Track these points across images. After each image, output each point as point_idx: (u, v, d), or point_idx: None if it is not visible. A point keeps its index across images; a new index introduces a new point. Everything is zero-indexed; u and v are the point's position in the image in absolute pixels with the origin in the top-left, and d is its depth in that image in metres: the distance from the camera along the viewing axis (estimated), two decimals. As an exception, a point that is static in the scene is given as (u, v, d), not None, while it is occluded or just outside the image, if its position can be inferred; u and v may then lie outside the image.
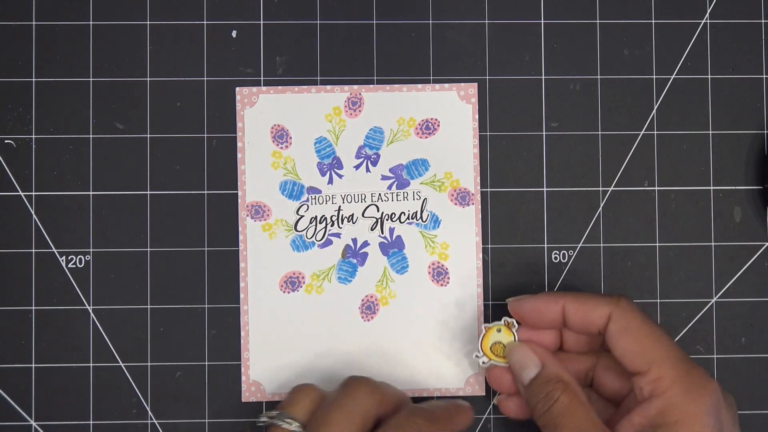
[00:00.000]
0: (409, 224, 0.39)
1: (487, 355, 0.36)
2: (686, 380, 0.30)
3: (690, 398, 0.30)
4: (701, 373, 0.31)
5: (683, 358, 0.31)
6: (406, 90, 0.39)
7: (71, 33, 0.39)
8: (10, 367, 0.38)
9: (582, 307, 0.33)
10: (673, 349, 0.31)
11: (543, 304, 0.34)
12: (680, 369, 0.31)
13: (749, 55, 0.39)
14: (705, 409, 0.30)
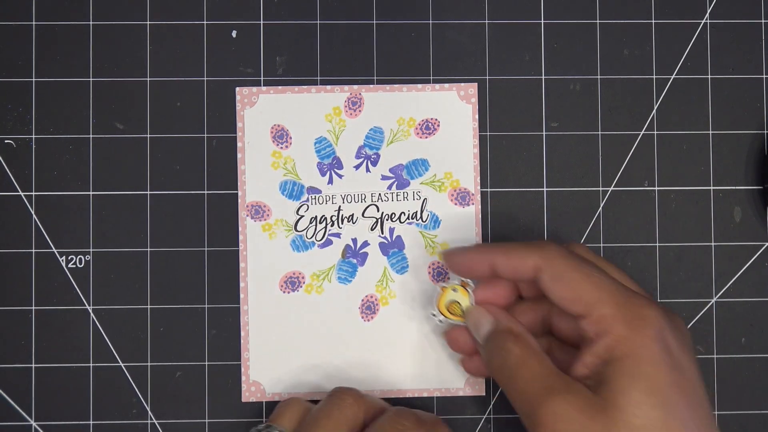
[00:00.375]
0: (409, 224, 0.39)
1: (443, 314, 0.36)
2: (626, 313, 0.30)
3: (633, 330, 0.30)
4: (640, 302, 0.30)
5: (619, 292, 0.31)
6: (406, 90, 0.39)
7: (71, 33, 0.39)
8: (10, 367, 0.38)
9: (510, 261, 0.33)
10: (606, 285, 0.31)
11: (471, 259, 0.34)
12: (618, 304, 0.30)
13: (749, 55, 0.39)
14: (649, 338, 0.30)
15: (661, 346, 0.30)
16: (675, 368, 0.30)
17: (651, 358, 0.29)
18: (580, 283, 0.31)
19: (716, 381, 0.39)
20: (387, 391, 0.38)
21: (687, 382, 0.30)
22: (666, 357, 0.29)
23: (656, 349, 0.29)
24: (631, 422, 0.29)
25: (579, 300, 0.31)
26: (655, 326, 0.30)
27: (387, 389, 0.38)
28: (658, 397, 0.29)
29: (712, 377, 0.39)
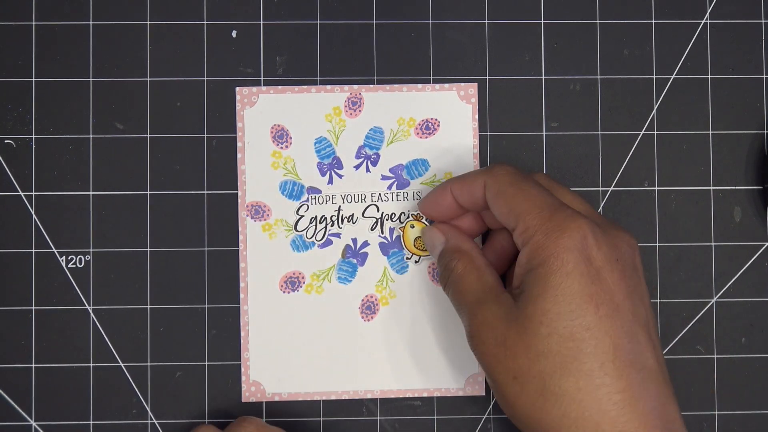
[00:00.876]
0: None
1: (413, 252, 0.38)
2: (548, 224, 0.30)
3: (549, 239, 0.30)
4: (566, 215, 0.30)
5: (549, 206, 0.31)
6: (406, 90, 0.39)
7: (71, 33, 0.39)
8: (10, 367, 0.38)
9: (464, 185, 0.34)
10: (539, 199, 0.31)
11: (436, 195, 0.35)
12: (543, 216, 0.31)
13: (749, 55, 0.39)
14: (564, 247, 0.30)
15: (578, 256, 0.30)
16: (591, 278, 0.29)
17: (562, 267, 0.29)
18: (515, 197, 0.32)
19: (716, 381, 0.39)
20: (387, 391, 0.38)
21: (603, 293, 0.29)
22: (580, 266, 0.29)
23: (569, 257, 0.29)
24: (538, 330, 0.29)
25: (511, 212, 0.32)
26: (575, 236, 0.30)
27: (387, 389, 0.38)
28: (564, 305, 0.29)
29: (712, 377, 0.39)
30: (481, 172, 0.34)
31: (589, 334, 0.29)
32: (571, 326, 0.29)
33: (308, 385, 0.38)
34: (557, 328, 0.29)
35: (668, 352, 0.39)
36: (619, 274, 0.30)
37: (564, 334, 0.29)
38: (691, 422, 0.39)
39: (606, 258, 0.30)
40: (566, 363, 0.29)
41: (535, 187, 0.32)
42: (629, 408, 0.29)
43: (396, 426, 0.38)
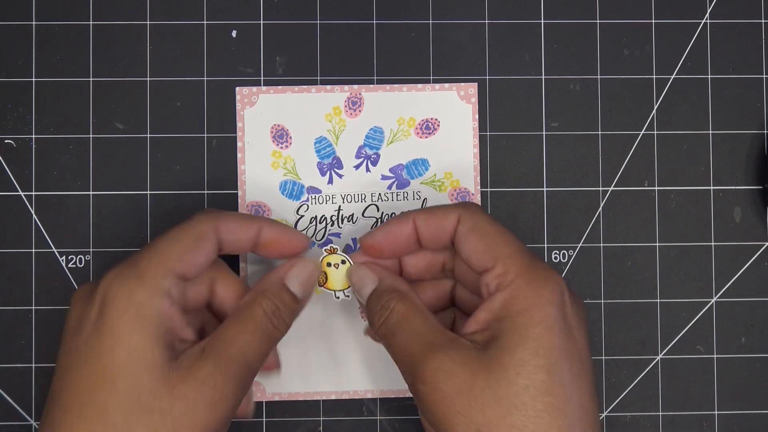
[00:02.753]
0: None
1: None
2: (530, 273, 0.30)
3: (532, 289, 0.29)
4: (545, 267, 0.30)
5: (528, 254, 0.31)
6: (406, 90, 0.39)
7: (71, 33, 0.39)
8: (10, 367, 0.38)
9: (432, 218, 0.32)
10: (518, 245, 0.31)
11: (394, 225, 0.33)
12: (524, 263, 0.30)
13: (749, 55, 0.39)
14: (547, 299, 0.29)
15: (558, 310, 0.29)
16: (567, 335, 0.29)
17: (544, 319, 0.29)
18: (494, 237, 0.31)
19: (716, 381, 0.39)
20: (387, 390, 0.38)
21: (576, 351, 0.29)
22: (560, 322, 0.29)
23: (552, 311, 0.29)
24: (514, 381, 0.28)
25: (489, 252, 0.31)
26: (555, 290, 0.30)
27: (387, 389, 0.38)
28: (544, 359, 0.28)
29: (712, 377, 0.39)
30: (453, 207, 0.32)
31: (563, 391, 0.28)
32: (548, 381, 0.28)
33: (308, 385, 0.38)
34: (535, 381, 0.28)
35: (668, 352, 0.39)
36: (585, 333, 0.30)
37: (540, 388, 0.28)
38: (691, 422, 0.39)
39: (576, 316, 0.30)
40: (540, 417, 0.28)
41: (510, 233, 0.32)
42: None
43: (396, 426, 0.38)
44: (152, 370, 0.28)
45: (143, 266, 0.30)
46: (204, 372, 0.29)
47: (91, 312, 0.29)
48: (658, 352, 0.39)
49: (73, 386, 0.29)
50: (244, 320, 0.31)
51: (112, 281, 0.29)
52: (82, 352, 0.29)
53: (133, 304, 0.29)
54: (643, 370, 0.39)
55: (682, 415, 0.39)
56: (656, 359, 0.39)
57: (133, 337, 0.29)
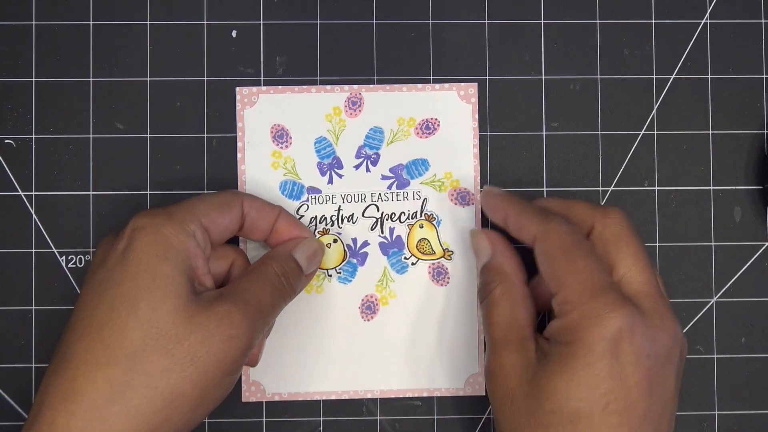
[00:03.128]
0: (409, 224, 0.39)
1: (414, 254, 0.38)
2: (587, 306, 0.30)
3: (585, 323, 0.30)
4: (607, 300, 0.30)
5: (592, 285, 0.30)
6: (406, 90, 0.39)
7: (71, 33, 0.39)
8: (10, 367, 0.38)
9: (519, 220, 0.34)
10: (585, 274, 0.31)
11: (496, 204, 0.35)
12: (584, 296, 0.30)
13: (749, 55, 0.39)
14: (596, 336, 0.29)
15: (607, 347, 0.29)
16: (611, 374, 0.29)
17: (587, 355, 0.29)
18: (561, 265, 0.31)
19: (716, 381, 0.39)
20: (386, 390, 0.38)
21: (620, 390, 0.29)
22: (606, 360, 0.29)
23: (598, 349, 0.29)
24: (543, 404, 0.30)
25: (555, 279, 0.31)
26: (609, 326, 0.29)
27: (387, 389, 0.38)
28: (576, 392, 0.29)
29: (712, 377, 0.39)
30: (536, 218, 0.33)
31: (590, 425, 0.29)
32: (576, 412, 0.29)
33: (308, 385, 0.38)
34: (562, 409, 0.29)
35: (668, 352, 0.39)
36: (645, 372, 0.29)
37: (566, 417, 0.29)
38: (691, 422, 0.39)
39: (635, 353, 0.29)
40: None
41: (586, 257, 0.31)
42: None
43: (396, 426, 0.38)
44: (173, 296, 0.30)
45: (172, 209, 0.32)
46: (222, 309, 0.31)
47: (118, 245, 0.31)
48: (658, 352, 0.39)
49: (92, 311, 0.30)
50: (258, 275, 0.33)
51: (141, 216, 0.32)
52: (105, 280, 0.30)
53: (161, 234, 0.31)
54: (643, 370, 0.39)
55: (682, 415, 0.39)
56: (656, 359, 0.39)
57: (158, 264, 0.30)
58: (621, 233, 0.33)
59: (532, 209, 0.34)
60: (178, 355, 0.29)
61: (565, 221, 0.32)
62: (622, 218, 0.33)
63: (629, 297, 0.31)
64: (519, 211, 0.34)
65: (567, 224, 0.32)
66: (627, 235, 0.33)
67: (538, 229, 0.32)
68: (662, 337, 0.30)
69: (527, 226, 0.33)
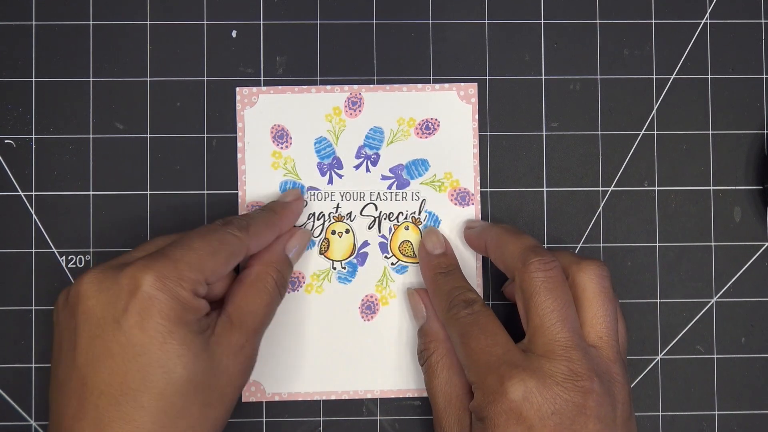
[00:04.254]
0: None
1: (395, 255, 0.38)
2: (485, 385, 0.31)
3: (486, 400, 0.31)
4: (500, 374, 0.31)
5: (486, 362, 0.31)
6: (406, 90, 0.39)
7: (71, 33, 0.39)
8: (10, 367, 0.38)
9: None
10: (477, 353, 0.32)
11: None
12: (480, 374, 0.31)
13: (749, 55, 0.39)
14: (496, 411, 0.30)
15: (508, 418, 0.30)
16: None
17: (495, 430, 0.30)
18: (460, 347, 0.33)
19: (716, 381, 0.39)
20: (387, 390, 0.38)
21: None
22: (512, 428, 0.30)
23: (500, 422, 0.30)
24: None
25: (461, 357, 0.33)
26: (506, 401, 0.30)
27: (387, 389, 0.38)
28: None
29: (712, 377, 0.39)
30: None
31: None
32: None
33: (308, 385, 0.38)
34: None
35: (668, 352, 0.39)
36: (551, 430, 0.30)
37: None
38: (691, 422, 0.39)
39: (537, 415, 0.30)
40: None
41: (480, 334, 0.32)
42: None
43: (396, 426, 0.38)
44: (201, 352, 0.30)
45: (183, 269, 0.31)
46: (237, 344, 0.32)
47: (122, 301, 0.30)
48: (658, 352, 0.39)
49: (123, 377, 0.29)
50: (261, 293, 0.34)
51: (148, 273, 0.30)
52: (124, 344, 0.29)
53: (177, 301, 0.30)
54: (643, 371, 0.39)
55: (682, 415, 0.39)
56: (656, 359, 0.39)
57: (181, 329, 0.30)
58: (533, 289, 0.32)
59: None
60: (211, 402, 0.31)
61: (468, 305, 0.34)
62: (537, 271, 0.32)
63: (538, 357, 0.31)
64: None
65: (467, 305, 0.33)
66: (538, 290, 0.32)
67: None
68: (563, 393, 0.30)
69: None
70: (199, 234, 0.32)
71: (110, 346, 0.29)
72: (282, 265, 0.35)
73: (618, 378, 0.32)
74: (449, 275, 0.36)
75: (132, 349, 0.29)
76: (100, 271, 0.31)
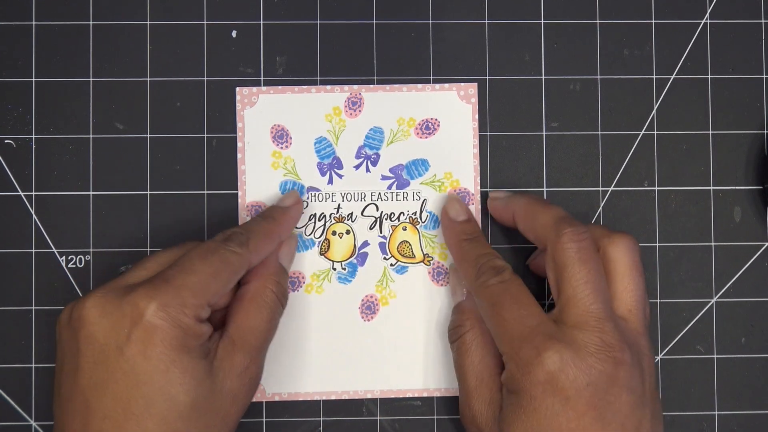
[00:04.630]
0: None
1: (394, 255, 0.38)
2: (518, 356, 0.31)
3: (521, 372, 0.31)
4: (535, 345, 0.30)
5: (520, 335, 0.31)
6: (406, 90, 0.39)
7: (71, 33, 0.39)
8: (10, 367, 0.38)
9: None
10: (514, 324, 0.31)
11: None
12: (515, 345, 0.31)
13: (749, 55, 0.39)
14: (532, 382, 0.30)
15: (545, 389, 0.30)
16: (557, 412, 0.30)
17: (531, 403, 0.30)
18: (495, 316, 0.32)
19: (716, 381, 0.39)
20: (387, 390, 0.38)
21: (569, 422, 0.30)
22: (548, 401, 0.30)
23: (537, 393, 0.30)
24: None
25: (491, 329, 0.33)
26: (542, 372, 0.30)
27: (387, 389, 0.38)
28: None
29: (712, 377, 0.39)
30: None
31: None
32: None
33: (308, 385, 0.38)
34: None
35: (668, 352, 0.39)
36: (587, 401, 0.30)
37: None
38: (691, 422, 0.39)
39: (573, 387, 0.30)
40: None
41: (514, 304, 0.32)
42: None
43: (396, 426, 0.38)
44: (204, 378, 0.31)
45: (185, 296, 0.31)
46: (241, 366, 0.32)
47: (125, 329, 0.30)
48: (658, 352, 0.39)
49: (127, 403, 0.29)
50: (261, 308, 0.34)
51: (151, 305, 0.30)
52: (128, 372, 0.29)
53: (180, 328, 0.30)
54: (643, 370, 0.39)
55: (682, 415, 0.39)
56: (656, 359, 0.39)
57: (183, 357, 0.30)
58: (566, 260, 0.32)
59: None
60: (215, 424, 0.31)
61: (500, 273, 0.33)
62: (571, 241, 0.32)
63: (569, 328, 0.31)
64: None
65: (497, 273, 0.33)
66: (572, 261, 0.32)
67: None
68: (597, 364, 0.30)
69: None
70: (199, 256, 0.32)
71: (113, 372, 0.29)
72: (279, 276, 0.35)
73: (645, 351, 0.32)
74: (474, 242, 0.35)
75: (135, 377, 0.29)
76: (102, 296, 0.31)
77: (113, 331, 0.30)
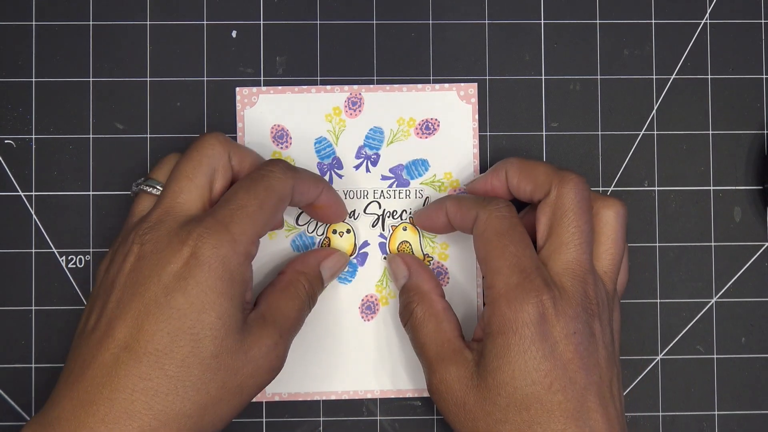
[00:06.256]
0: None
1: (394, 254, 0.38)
2: (512, 293, 0.31)
3: (512, 310, 0.31)
4: (531, 285, 0.31)
5: (520, 271, 0.31)
6: (406, 90, 0.39)
7: (71, 33, 0.39)
8: (10, 367, 0.38)
9: (459, 210, 0.34)
10: (513, 260, 0.31)
11: (431, 211, 0.36)
12: (510, 282, 0.31)
13: (749, 55, 0.39)
14: (523, 321, 0.30)
15: (535, 331, 0.30)
16: (545, 355, 0.30)
17: (519, 343, 0.30)
18: (494, 248, 0.32)
19: (716, 381, 0.39)
20: (386, 390, 0.38)
21: (557, 369, 0.30)
22: (537, 343, 0.30)
23: (527, 333, 0.30)
24: (496, 400, 0.31)
25: (486, 263, 0.32)
26: (534, 310, 0.30)
27: (387, 389, 0.38)
28: (521, 381, 0.30)
29: (712, 377, 0.39)
30: (475, 203, 0.34)
31: (541, 407, 0.30)
32: (526, 399, 0.30)
33: (308, 385, 0.38)
34: (514, 401, 0.30)
35: (668, 352, 0.39)
36: (574, 348, 0.31)
37: (520, 406, 0.30)
38: (691, 422, 0.39)
39: (562, 333, 0.31)
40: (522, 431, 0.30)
41: (517, 242, 0.32)
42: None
43: (396, 426, 0.38)
44: (234, 333, 0.30)
45: (236, 231, 0.30)
46: (270, 341, 0.32)
47: (173, 264, 0.30)
48: (658, 352, 0.39)
49: (152, 336, 0.29)
50: (293, 297, 0.34)
51: (204, 241, 0.30)
52: (163, 305, 0.29)
53: (227, 270, 0.30)
54: (643, 371, 0.39)
55: (682, 415, 0.39)
56: (656, 359, 0.39)
57: (223, 303, 0.30)
58: (567, 206, 0.32)
59: (470, 198, 0.34)
60: (230, 387, 0.30)
61: (504, 205, 0.33)
62: (575, 189, 0.33)
63: (556, 274, 0.32)
64: (456, 203, 0.35)
65: (504, 208, 0.33)
66: (572, 208, 0.32)
67: (479, 210, 0.33)
68: (582, 314, 0.31)
69: (467, 211, 0.34)
70: (243, 188, 0.32)
71: (148, 304, 0.29)
72: (313, 278, 0.36)
73: (615, 315, 0.34)
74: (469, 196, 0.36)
75: (168, 312, 0.29)
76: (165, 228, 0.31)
77: (159, 265, 0.30)
